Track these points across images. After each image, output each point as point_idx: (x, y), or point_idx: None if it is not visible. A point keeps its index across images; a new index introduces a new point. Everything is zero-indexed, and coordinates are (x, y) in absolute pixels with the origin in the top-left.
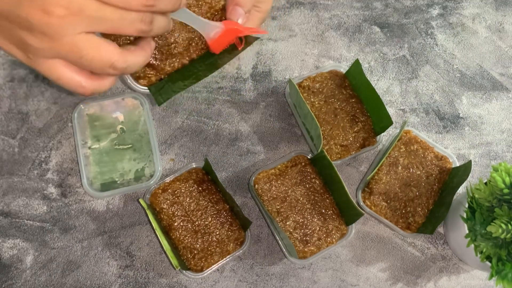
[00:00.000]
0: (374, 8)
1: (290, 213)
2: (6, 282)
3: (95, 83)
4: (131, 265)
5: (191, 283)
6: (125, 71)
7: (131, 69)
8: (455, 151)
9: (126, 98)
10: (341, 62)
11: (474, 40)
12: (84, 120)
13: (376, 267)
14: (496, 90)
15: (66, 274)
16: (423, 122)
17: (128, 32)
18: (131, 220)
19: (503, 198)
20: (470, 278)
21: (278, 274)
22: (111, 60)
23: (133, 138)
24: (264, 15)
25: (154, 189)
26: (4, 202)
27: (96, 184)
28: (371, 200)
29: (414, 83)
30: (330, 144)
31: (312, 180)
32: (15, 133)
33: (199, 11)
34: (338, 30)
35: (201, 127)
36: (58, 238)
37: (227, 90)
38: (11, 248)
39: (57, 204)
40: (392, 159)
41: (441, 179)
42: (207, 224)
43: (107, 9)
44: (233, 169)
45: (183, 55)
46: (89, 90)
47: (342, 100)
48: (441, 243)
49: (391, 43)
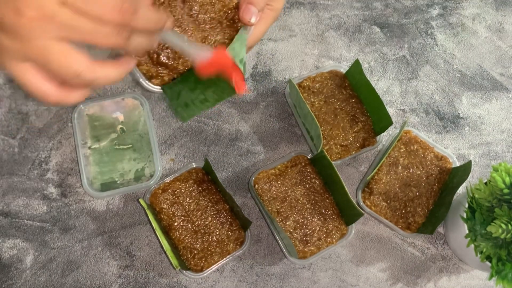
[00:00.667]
0: (374, 8)
1: (290, 213)
2: (6, 282)
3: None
4: (131, 265)
5: (191, 283)
6: (93, 83)
7: (100, 83)
8: (455, 151)
9: (126, 98)
10: (341, 62)
11: (474, 40)
12: (84, 120)
13: (376, 267)
14: (496, 90)
15: (66, 274)
16: (423, 122)
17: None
18: (131, 220)
19: (503, 198)
20: (470, 278)
21: (278, 274)
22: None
23: (133, 138)
24: (276, 14)
25: (154, 189)
26: (4, 202)
27: (96, 184)
28: (371, 200)
29: (414, 83)
30: (330, 144)
31: (312, 180)
32: (15, 133)
33: (212, 9)
34: (338, 30)
35: (201, 127)
36: (58, 238)
37: None
38: (11, 248)
39: (57, 204)
40: (392, 159)
41: (441, 179)
42: (207, 224)
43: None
44: (233, 169)
45: None
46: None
47: (342, 100)
48: (441, 243)
49: (391, 43)
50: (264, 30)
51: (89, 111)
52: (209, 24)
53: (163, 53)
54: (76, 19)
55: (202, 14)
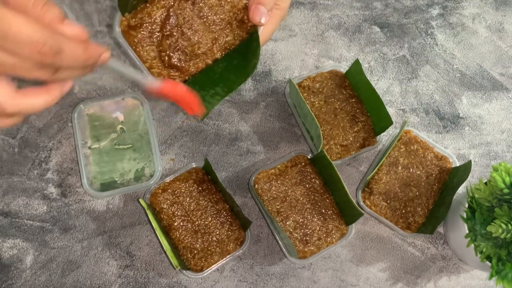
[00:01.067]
0: (374, 8)
1: (290, 213)
2: (6, 282)
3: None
4: (131, 265)
5: (191, 283)
6: (19, 114)
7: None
8: (455, 151)
9: (126, 98)
10: (341, 62)
11: (474, 40)
12: (84, 120)
13: (376, 267)
14: (496, 90)
15: (66, 274)
16: (423, 122)
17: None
18: (131, 220)
19: (503, 198)
20: (470, 278)
21: (278, 274)
22: None
23: (133, 138)
24: (283, 13)
25: (154, 189)
26: (4, 202)
27: (96, 184)
28: (371, 200)
29: (414, 83)
30: (330, 144)
31: (312, 180)
32: (15, 133)
33: (222, 10)
34: (338, 30)
35: (201, 127)
36: (58, 238)
37: None
38: (11, 248)
39: (57, 204)
40: (392, 159)
41: (441, 179)
42: (207, 224)
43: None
44: (233, 169)
45: (206, 55)
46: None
47: (342, 100)
48: (441, 243)
49: (391, 43)
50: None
51: (89, 111)
52: (218, 26)
53: (174, 55)
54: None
55: (212, 15)
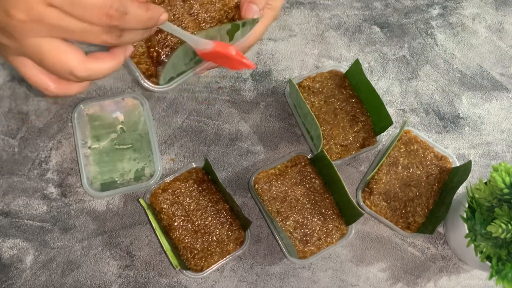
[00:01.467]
0: (374, 8)
1: (290, 213)
2: (6, 282)
3: (61, 87)
4: (131, 265)
5: (191, 283)
6: (88, 78)
7: (95, 77)
8: (455, 151)
9: (126, 98)
10: (341, 62)
11: (474, 40)
12: (84, 120)
13: (376, 267)
14: (496, 90)
15: (66, 274)
16: (423, 122)
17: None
18: (131, 220)
19: (503, 198)
20: (470, 278)
21: (278, 274)
22: (70, 67)
23: (133, 138)
24: (275, 13)
25: (154, 189)
26: (4, 202)
27: (96, 184)
28: (371, 200)
29: (414, 83)
30: (330, 144)
31: (312, 180)
32: (15, 133)
33: (213, 8)
34: (338, 30)
35: (201, 127)
36: (58, 238)
37: (227, 90)
38: (11, 248)
39: (57, 204)
40: (392, 159)
41: (441, 179)
42: (207, 224)
43: (69, 19)
44: (233, 169)
45: None
46: (53, 94)
47: (342, 100)
48: (441, 243)
49: (391, 43)
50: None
51: (89, 110)
52: (209, 24)
53: (163, 52)
54: (65, 19)
55: (203, 13)
